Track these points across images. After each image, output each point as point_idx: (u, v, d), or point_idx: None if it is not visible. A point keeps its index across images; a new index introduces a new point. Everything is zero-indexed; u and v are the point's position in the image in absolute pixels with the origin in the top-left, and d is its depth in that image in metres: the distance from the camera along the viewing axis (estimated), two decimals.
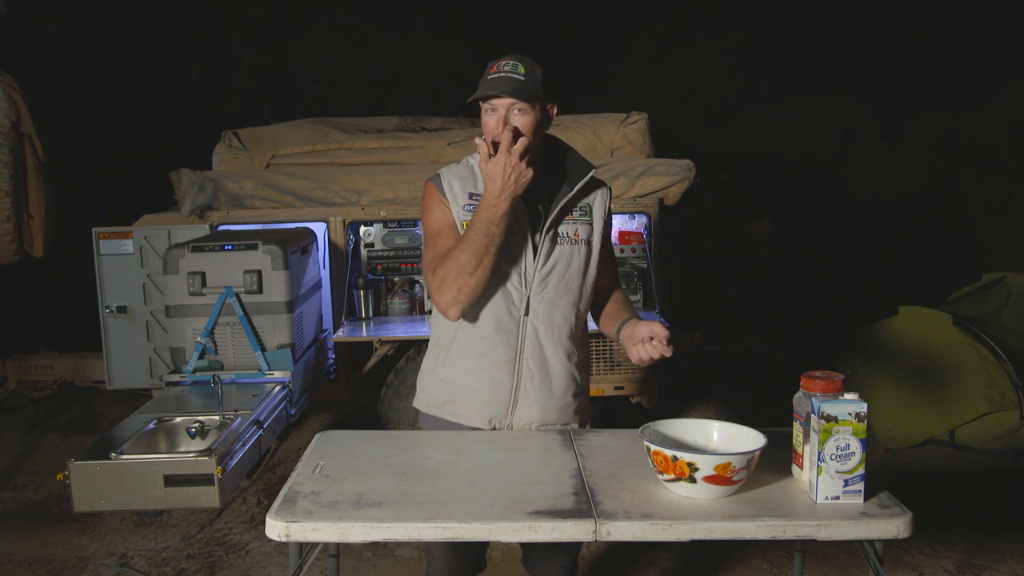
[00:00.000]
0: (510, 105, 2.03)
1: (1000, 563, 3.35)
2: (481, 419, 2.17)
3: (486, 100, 2.05)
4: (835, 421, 1.66)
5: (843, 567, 3.31)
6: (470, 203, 2.12)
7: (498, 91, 2.01)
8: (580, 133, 4.28)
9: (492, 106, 2.05)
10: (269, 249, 3.39)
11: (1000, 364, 4.30)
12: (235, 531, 3.72)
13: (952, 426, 4.37)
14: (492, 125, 2.06)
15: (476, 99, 2.07)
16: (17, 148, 4.20)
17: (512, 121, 2.04)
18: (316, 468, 1.90)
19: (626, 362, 3.98)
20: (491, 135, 2.06)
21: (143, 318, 4.01)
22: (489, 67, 2.08)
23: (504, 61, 2.05)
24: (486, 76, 2.07)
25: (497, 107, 2.04)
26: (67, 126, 6.30)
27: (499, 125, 2.04)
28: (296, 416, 3.56)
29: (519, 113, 2.04)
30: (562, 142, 2.25)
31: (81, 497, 2.39)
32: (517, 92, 2.01)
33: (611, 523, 1.61)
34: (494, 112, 2.05)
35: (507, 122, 2.03)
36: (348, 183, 4.13)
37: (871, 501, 1.69)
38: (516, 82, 2.01)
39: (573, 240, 2.16)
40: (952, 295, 5.09)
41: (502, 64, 2.05)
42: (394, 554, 3.46)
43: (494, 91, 2.02)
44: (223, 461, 2.46)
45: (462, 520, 1.62)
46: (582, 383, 2.24)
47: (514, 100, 2.02)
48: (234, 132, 4.46)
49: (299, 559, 1.76)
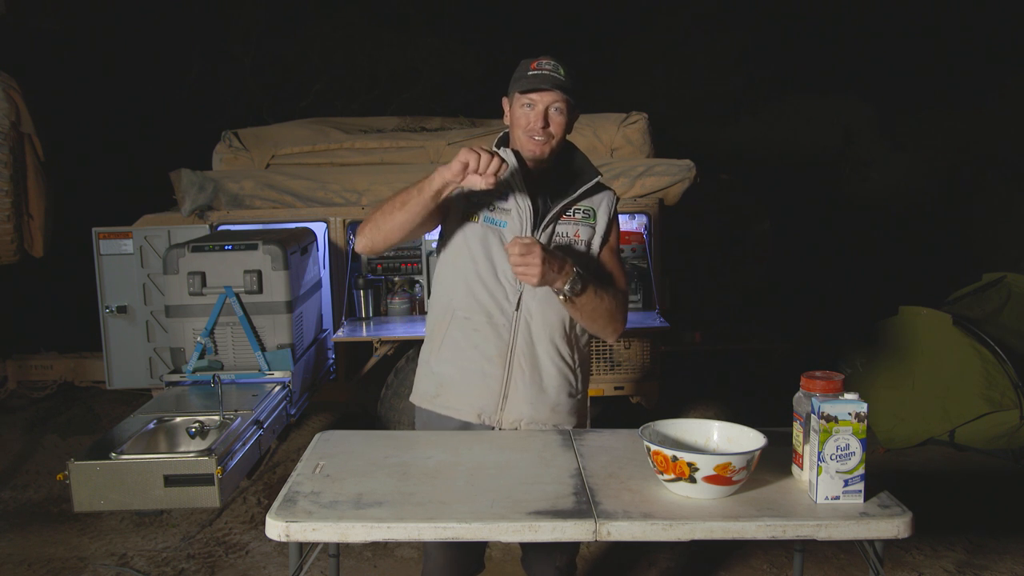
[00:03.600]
0: (552, 102, 2.05)
1: (1000, 563, 3.35)
2: (471, 412, 2.17)
3: (526, 93, 2.06)
4: (835, 421, 1.66)
5: (843, 567, 3.31)
6: (476, 195, 2.12)
7: (546, 84, 2.03)
8: (580, 133, 4.28)
9: (531, 101, 2.06)
10: (269, 249, 3.39)
11: (1000, 364, 4.29)
12: (235, 531, 3.72)
13: (952, 426, 4.37)
14: (529, 120, 2.07)
15: (518, 91, 2.07)
16: (17, 148, 4.20)
17: (550, 118, 2.06)
18: (316, 468, 1.90)
19: (626, 362, 3.98)
20: (524, 129, 2.08)
21: (143, 318, 4.01)
22: (527, 64, 2.09)
23: (544, 60, 2.07)
24: (525, 72, 2.08)
25: (536, 103, 2.06)
26: (67, 126, 6.30)
27: (538, 120, 2.05)
28: (296, 416, 3.56)
29: (557, 111, 2.06)
30: (572, 144, 2.26)
31: (81, 497, 2.39)
32: (562, 87, 2.03)
33: (611, 523, 1.61)
34: (531, 107, 2.07)
35: (546, 119, 2.04)
36: (348, 183, 4.13)
37: (871, 501, 1.69)
38: (560, 80, 2.04)
39: (572, 240, 2.16)
40: (952, 295, 5.09)
41: (543, 63, 2.07)
42: (394, 554, 3.46)
43: (541, 84, 2.03)
44: (223, 461, 2.46)
45: (462, 520, 1.62)
46: (577, 386, 2.23)
47: (557, 96, 2.04)
48: (234, 132, 4.46)
49: (299, 559, 1.76)
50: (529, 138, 2.08)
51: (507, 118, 2.16)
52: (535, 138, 2.07)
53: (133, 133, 7.74)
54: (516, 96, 2.09)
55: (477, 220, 2.14)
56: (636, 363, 3.99)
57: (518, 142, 2.13)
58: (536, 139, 2.07)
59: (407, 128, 4.78)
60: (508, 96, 2.15)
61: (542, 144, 2.08)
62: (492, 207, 2.13)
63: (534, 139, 2.07)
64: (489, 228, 2.12)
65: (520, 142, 2.12)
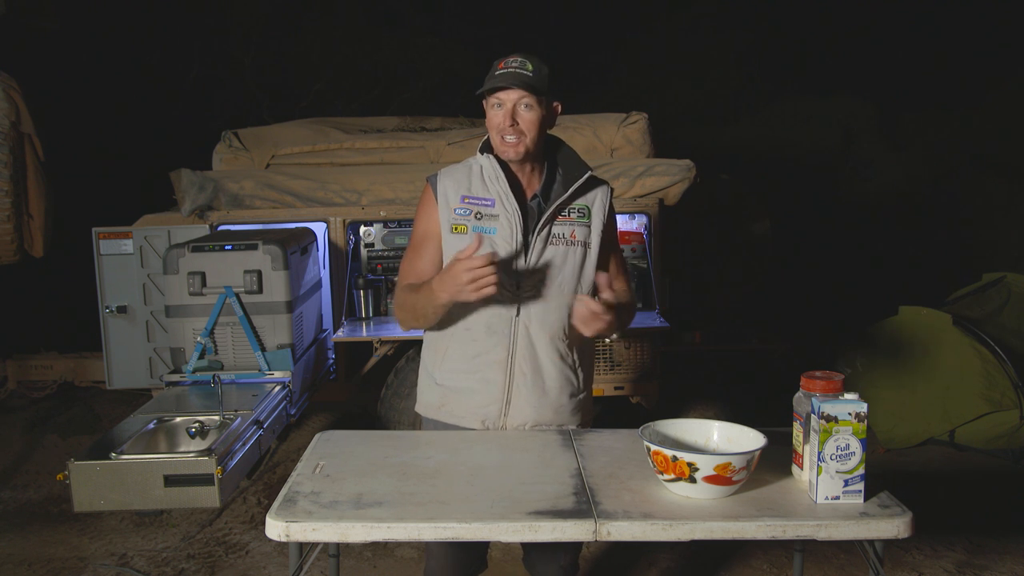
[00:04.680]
0: (518, 99, 2.03)
1: (1000, 563, 3.35)
2: (475, 420, 2.17)
3: (493, 94, 2.05)
4: (835, 421, 1.66)
5: (843, 567, 3.31)
6: (462, 207, 2.13)
7: (508, 83, 2.01)
8: (580, 133, 4.28)
9: (499, 100, 2.05)
10: (269, 249, 3.39)
11: (1000, 364, 4.30)
12: (235, 531, 3.72)
13: (952, 426, 4.37)
14: (498, 120, 2.06)
15: (483, 92, 2.07)
16: (17, 148, 4.20)
17: (519, 116, 2.04)
18: (316, 468, 1.90)
19: (626, 362, 3.98)
20: (496, 130, 2.07)
21: (143, 318, 4.01)
22: (496, 64, 2.08)
23: (512, 58, 2.06)
24: (493, 72, 2.07)
25: (504, 102, 2.04)
26: (67, 126, 6.30)
27: (506, 119, 2.04)
28: (296, 416, 3.56)
29: (526, 108, 2.04)
30: (562, 142, 2.25)
31: (81, 497, 2.39)
32: (526, 85, 2.01)
33: (611, 523, 1.61)
34: (500, 107, 2.06)
35: (514, 117, 2.03)
36: (348, 183, 4.13)
37: (871, 501, 1.69)
38: (525, 77, 2.02)
39: (569, 241, 2.15)
40: (952, 295, 5.09)
41: (510, 61, 2.05)
42: (394, 554, 3.46)
43: (503, 83, 2.02)
44: (223, 461, 2.46)
45: (462, 520, 1.62)
46: (579, 385, 2.23)
47: (523, 93, 2.02)
48: (234, 132, 4.45)
49: (299, 559, 1.76)
50: (501, 138, 2.07)
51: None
52: (506, 138, 2.06)
53: (133, 133, 7.74)
54: (487, 97, 2.08)
55: (466, 231, 2.12)
56: (636, 363, 3.98)
57: (494, 143, 2.12)
58: (507, 139, 2.05)
59: (407, 128, 4.77)
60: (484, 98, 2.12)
61: (515, 144, 2.06)
62: (480, 216, 2.12)
63: (505, 139, 2.06)
64: (479, 237, 2.09)
65: (495, 143, 2.11)
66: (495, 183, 2.12)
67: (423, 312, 2.10)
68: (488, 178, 2.13)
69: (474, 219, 2.12)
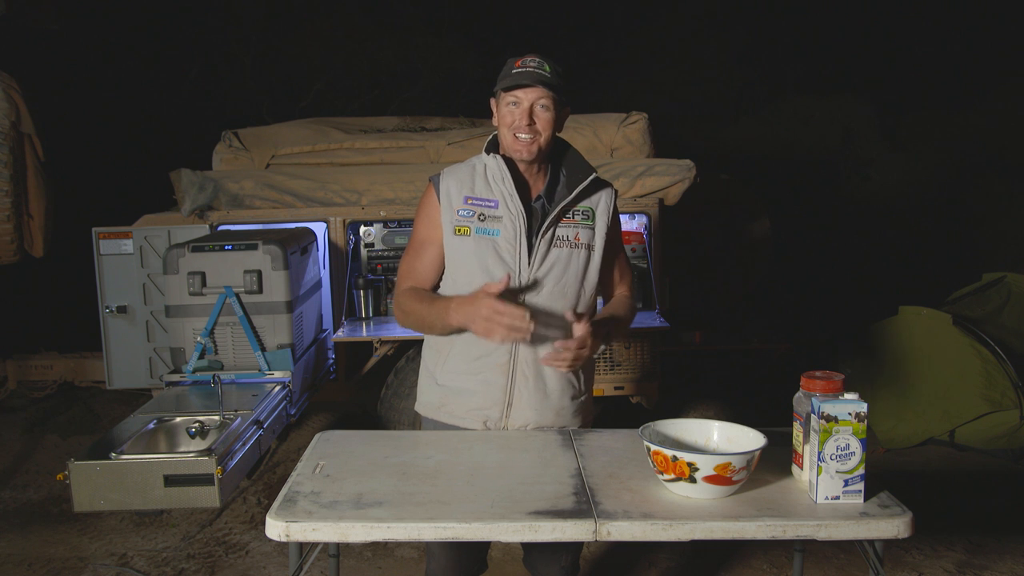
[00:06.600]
0: (536, 99, 2.03)
1: (1000, 563, 3.35)
2: (476, 421, 2.17)
3: (510, 91, 2.04)
4: (835, 421, 1.66)
5: (843, 567, 3.31)
6: (465, 207, 2.11)
7: (529, 81, 2.00)
8: (580, 133, 4.28)
9: (516, 98, 2.04)
10: (269, 249, 3.39)
11: (1000, 364, 4.30)
12: (235, 531, 3.72)
13: (952, 426, 4.37)
14: (513, 118, 2.05)
15: (499, 89, 2.06)
16: (17, 148, 4.20)
17: (536, 115, 2.03)
18: (316, 468, 1.90)
19: (626, 362, 3.98)
20: (509, 128, 2.06)
21: (143, 318, 4.00)
22: (512, 62, 2.07)
23: (529, 58, 2.05)
24: (509, 70, 2.06)
25: (521, 100, 2.03)
26: (67, 126, 6.30)
27: (523, 117, 2.03)
28: (296, 416, 3.56)
29: (543, 108, 2.04)
30: (568, 144, 2.24)
31: (81, 497, 2.39)
32: (547, 84, 2.01)
33: (611, 523, 1.61)
34: (516, 105, 2.04)
35: (531, 116, 2.03)
36: (348, 183, 4.12)
37: (871, 501, 1.69)
38: (544, 76, 2.02)
39: (572, 244, 2.13)
40: (952, 295, 5.09)
41: (527, 60, 2.04)
42: (394, 554, 3.46)
43: (526, 80, 2.01)
44: (223, 461, 2.46)
45: (462, 520, 1.62)
46: (580, 387, 2.23)
47: (542, 92, 2.02)
48: (234, 132, 4.45)
49: (299, 559, 1.76)
50: (515, 137, 2.05)
51: (495, 119, 2.13)
52: (521, 136, 2.04)
53: (133, 133, 7.74)
54: (501, 95, 2.07)
55: (469, 233, 2.10)
56: (636, 363, 3.98)
57: (505, 142, 2.09)
58: (522, 137, 2.04)
59: (407, 128, 4.77)
60: (495, 96, 2.11)
61: (529, 143, 2.04)
62: (483, 217, 2.10)
63: (520, 137, 2.04)
64: (482, 239, 2.09)
65: (507, 142, 2.08)
66: (500, 183, 2.10)
67: (430, 325, 2.12)
68: (493, 178, 2.12)
69: (477, 220, 2.10)
